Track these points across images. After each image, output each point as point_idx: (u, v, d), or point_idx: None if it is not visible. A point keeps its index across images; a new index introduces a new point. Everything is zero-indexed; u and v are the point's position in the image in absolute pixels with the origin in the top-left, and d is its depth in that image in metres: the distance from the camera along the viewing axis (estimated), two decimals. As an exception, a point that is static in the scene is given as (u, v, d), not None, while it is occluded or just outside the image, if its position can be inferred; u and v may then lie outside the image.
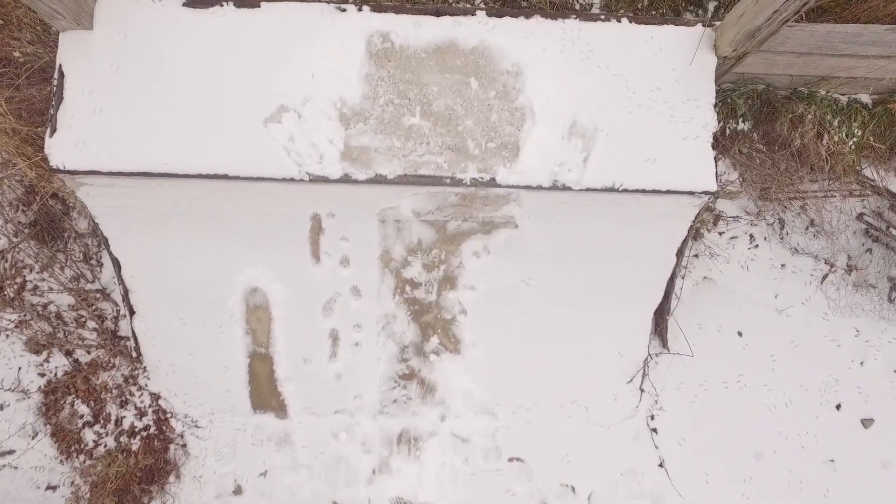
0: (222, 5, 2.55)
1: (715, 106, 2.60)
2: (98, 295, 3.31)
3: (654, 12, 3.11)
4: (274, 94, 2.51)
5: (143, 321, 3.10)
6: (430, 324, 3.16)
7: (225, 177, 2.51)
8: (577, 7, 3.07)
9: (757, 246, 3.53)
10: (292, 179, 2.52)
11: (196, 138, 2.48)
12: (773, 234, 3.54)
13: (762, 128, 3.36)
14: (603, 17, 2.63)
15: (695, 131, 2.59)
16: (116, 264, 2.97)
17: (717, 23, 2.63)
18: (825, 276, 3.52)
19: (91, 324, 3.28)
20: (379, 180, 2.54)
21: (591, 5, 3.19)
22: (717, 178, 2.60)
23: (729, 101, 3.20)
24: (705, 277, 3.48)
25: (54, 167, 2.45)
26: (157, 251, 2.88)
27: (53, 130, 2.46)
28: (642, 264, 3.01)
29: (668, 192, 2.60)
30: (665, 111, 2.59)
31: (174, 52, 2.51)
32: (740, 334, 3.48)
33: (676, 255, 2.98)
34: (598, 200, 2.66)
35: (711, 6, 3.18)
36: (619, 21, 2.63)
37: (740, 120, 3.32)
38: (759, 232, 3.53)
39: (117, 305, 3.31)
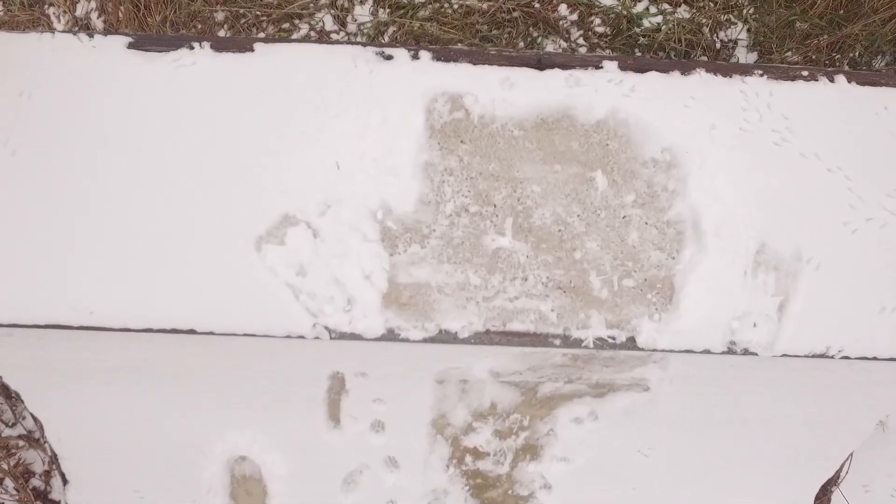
0: (192, 48, 1.56)
1: None
2: (22, 442, 2.34)
3: (860, 56, 2.11)
4: (274, 196, 1.52)
5: (81, 493, 2.12)
6: (497, 500, 2.17)
7: (190, 332, 1.52)
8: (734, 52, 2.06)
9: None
10: (302, 337, 1.53)
11: (141, 271, 1.50)
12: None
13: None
14: (806, 73, 1.63)
15: (958, 262, 1.59)
16: (38, 422, 2.00)
17: None
18: None
19: (10, 483, 2.31)
20: (444, 339, 1.55)
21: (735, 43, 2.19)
22: None
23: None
24: (879, 422, 2.49)
25: None
26: (94, 411, 1.90)
27: None
28: (819, 433, 2.01)
29: (915, 360, 1.60)
30: (910, 229, 1.59)
31: (110, 127, 1.52)
32: (923, 502, 2.50)
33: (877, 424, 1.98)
34: (790, 366, 1.67)
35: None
36: (831, 80, 1.63)
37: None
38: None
39: (49, 454, 2.33)
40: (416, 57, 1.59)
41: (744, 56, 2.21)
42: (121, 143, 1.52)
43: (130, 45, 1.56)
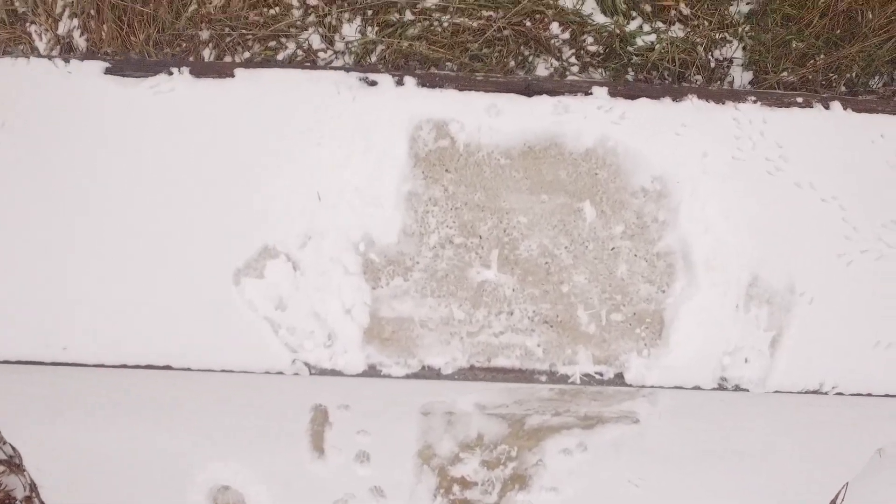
0: (171, 73, 1.52)
1: None
2: (2, 468, 2.29)
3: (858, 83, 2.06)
4: (253, 227, 1.48)
5: (62, 522, 2.08)
6: (486, 529, 2.12)
7: (166, 368, 1.48)
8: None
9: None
10: (281, 374, 1.49)
11: (116, 305, 1.46)
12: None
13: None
14: (801, 100, 1.59)
15: (956, 296, 1.55)
16: (16, 450, 1.96)
17: None
18: None
19: (-9, 509, 2.26)
20: (427, 375, 1.51)
21: (731, 61, 2.15)
22: None
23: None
24: (878, 450, 2.44)
25: None
26: (74, 440, 1.86)
27: None
28: (812, 467, 1.97)
29: (911, 397, 1.56)
30: (907, 262, 1.55)
31: (87, 154, 1.49)
32: (923, 530, 2.44)
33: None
34: (783, 401, 1.62)
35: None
36: (826, 107, 1.59)
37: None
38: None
39: (30, 481, 2.29)
40: (400, 83, 1.55)
41: (739, 75, 2.17)
42: (96, 172, 1.48)
43: (108, 71, 1.53)
